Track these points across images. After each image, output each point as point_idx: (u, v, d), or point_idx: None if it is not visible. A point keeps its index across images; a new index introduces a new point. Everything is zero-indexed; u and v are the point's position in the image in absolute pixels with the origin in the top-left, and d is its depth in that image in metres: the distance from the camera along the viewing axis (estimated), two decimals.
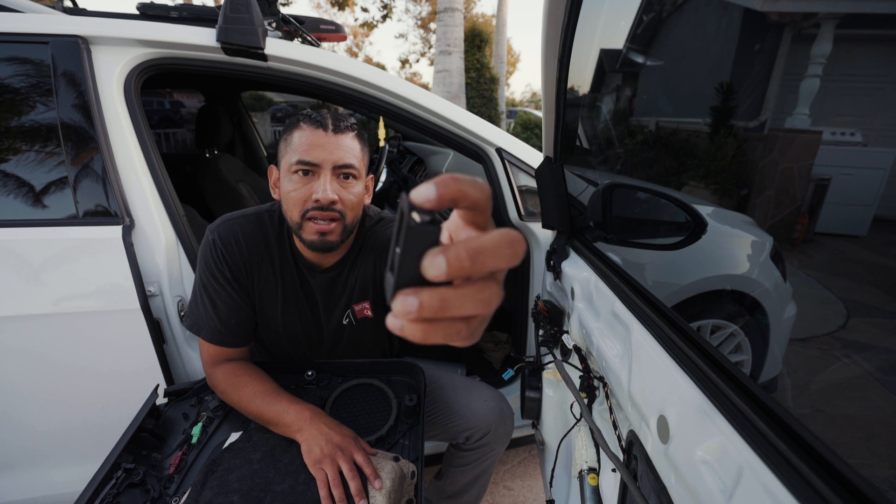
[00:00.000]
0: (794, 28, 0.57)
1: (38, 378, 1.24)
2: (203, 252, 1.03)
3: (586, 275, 1.11)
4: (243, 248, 1.03)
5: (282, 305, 1.09)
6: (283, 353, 1.20)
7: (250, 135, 3.13)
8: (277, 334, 1.13)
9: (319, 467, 0.85)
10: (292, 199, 0.94)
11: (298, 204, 0.93)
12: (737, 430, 0.51)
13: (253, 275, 1.05)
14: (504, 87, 10.66)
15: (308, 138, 0.91)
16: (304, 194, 0.93)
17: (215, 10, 1.47)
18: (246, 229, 1.03)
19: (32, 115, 1.20)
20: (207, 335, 1.02)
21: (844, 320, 0.50)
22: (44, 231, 1.17)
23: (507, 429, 1.24)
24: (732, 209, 0.81)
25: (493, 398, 1.23)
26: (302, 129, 0.93)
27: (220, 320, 1.02)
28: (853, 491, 0.39)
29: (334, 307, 1.13)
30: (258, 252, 1.04)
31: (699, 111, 0.80)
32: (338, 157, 0.92)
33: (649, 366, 0.74)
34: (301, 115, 0.95)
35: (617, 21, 1.01)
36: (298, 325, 1.12)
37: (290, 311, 1.10)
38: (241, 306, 1.05)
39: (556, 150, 1.22)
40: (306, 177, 0.93)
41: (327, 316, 1.14)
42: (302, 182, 0.92)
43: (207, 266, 1.02)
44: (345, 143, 0.94)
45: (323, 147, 0.91)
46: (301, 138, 0.92)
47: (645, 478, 0.69)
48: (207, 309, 1.02)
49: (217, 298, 1.02)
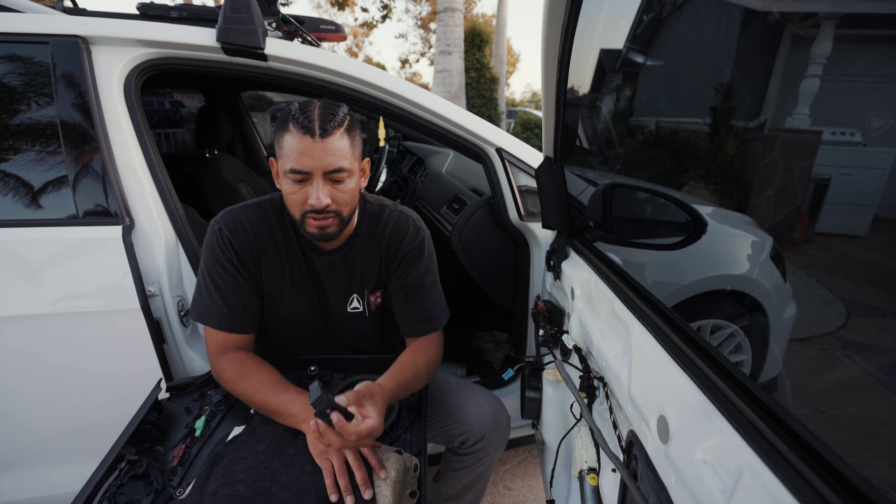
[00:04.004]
0: (794, 28, 0.57)
1: (38, 378, 1.24)
2: (209, 242, 1.05)
3: (586, 275, 1.11)
4: (249, 236, 1.06)
5: (289, 289, 1.11)
6: (288, 346, 1.20)
7: (250, 135, 3.13)
8: (283, 321, 1.14)
9: (325, 457, 0.86)
10: (290, 201, 0.99)
11: (297, 206, 0.98)
12: (737, 430, 0.51)
13: (260, 260, 1.08)
14: (504, 87, 10.67)
15: (297, 146, 0.92)
16: (300, 198, 0.97)
17: (215, 10, 1.47)
18: (251, 217, 1.07)
19: (32, 115, 1.21)
20: (215, 322, 1.04)
21: (844, 320, 0.50)
22: (44, 231, 1.17)
23: (501, 434, 1.24)
24: (732, 209, 0.81)
25: (489, 402, 1.22)
26: (291, 133, 0.93)
27: (227, 306, 1.05)
28: (853, 491, 0.39)
29: (341, 289, 1.15)
30: (264, 239, 1.07)
31: (699, 111, 0.80)
32: (327, 163, 0.94)
33: (649, 366, 0.74)
34: (290, 114, 0.94)
35: (617, 21, 1.01)
36: (306, 310, 1.14)
37: (297, 294, 1.12)
38: (248, 292, 1.07)
39: (556, 150, 1.22)
40: (300, 183, 0.96)
41: (335, 299, 1.15)
42: (297, 187, 0.96)
43: (214, 254, 1.04)
44: (333, 146, 0.94)
45: (311, 155, 0.92)
46: (291, 145, 0.93)
47: (645, 478, 0.69)
48: (214, 297, 1.05)
49: (223, 285, 1.05)
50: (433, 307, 1.15)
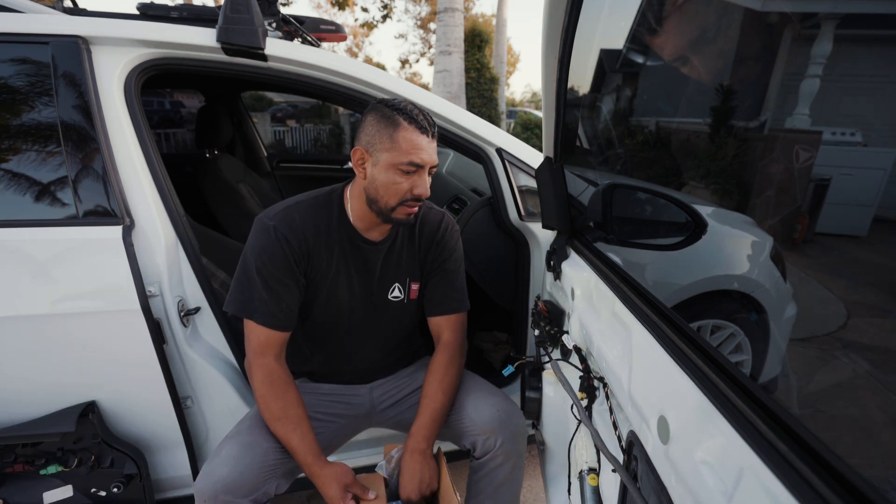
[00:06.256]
0: (794, 28, 0.57)
1: (38, 378, 1.24)
2: (260, 239, 1.08)
3: (586, 275, 1.11)
4: (304, 233, 1.10)
5: (337, 280, 1.16)
6: (328, 334, 1.23)
7: (250, 135, 3.13)
8: (328, 310, 1.18)
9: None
10: (393, 190, 1.06)
11: (399, 194, 1.06)
12: (737, 430, 0.51)
13: (311, 256, 1.12)
14: (504, 87, 10.67)
15: (416, 142, 1.03)
16: (406, 187, 1.06)
17: (215, 10, 1.47)
18: (304, 215, 1.12)
19: (33, 115, 1.21)
20: (261, 318, 1.08)
21: (844, 320, 0.50)
22: (44, 231, 1.17)
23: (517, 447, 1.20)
24: (732, 209, 0.81)
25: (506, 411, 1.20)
26: (406, 129, 1.02)
27: (276, 304, 1.08)
28: (853, 491, 0.39)
29: (385, 278, 1.22)
30: (317, 234, 1.12)
31: (699, 111, 0.80)
32: (434, 158, 1.07)
33: (650, 366, 0.74)
34: (401, 111, 1.03)
35: (617, 21, 1.01)
36: (351, 298, 1.19)
37: (344, 285, 1.18)
38: (296, 290, 1.12)
39: (556, 150, 1.22)
40: (408, 175, 1.05)
41: (379, 287, 1.22)
42: (405, 178, 1.05)
43: (266, 252, 1.07)
44: (435, 145, 1.08)
45: (426, 150, 1.05)
46: (408, 141, 1.02)
47: (645, 478, 0.69)
48: (261, 293, 1.07)
49: (274, 283, 1.08)
50: (462, 290, 1.29)
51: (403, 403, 1.31)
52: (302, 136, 6.41)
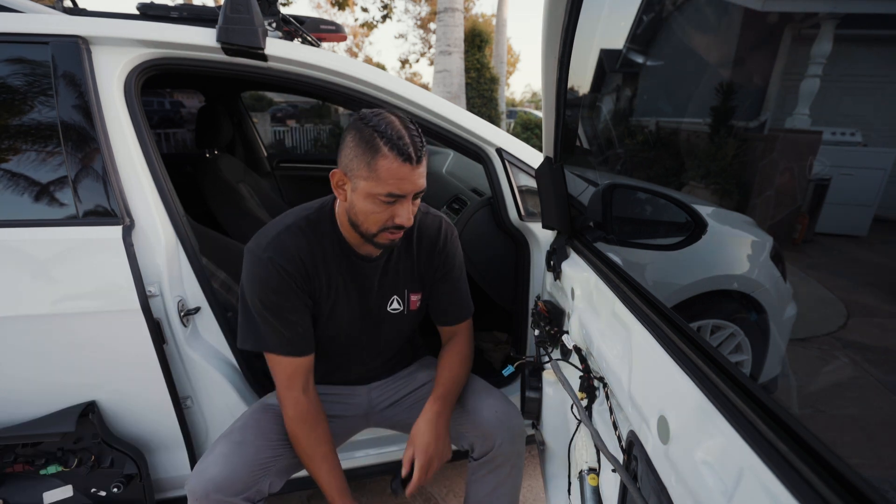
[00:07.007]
0: (794, 28, 0.57)
1: (38, 378, 1.24)
2: (258, 272, 1.04)
3: (586, 275, 1.11)
4: (301, 258, 1.07)
5: (336, 297, 1.14)
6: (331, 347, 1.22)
7: (250, 135, 3.12)
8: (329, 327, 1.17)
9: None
10: (373, 219, 1.01)
11: (378, 223, 1.01)
12: (737, 430, 0.51)
13: (312, 279, 1.10)
14: (504, 87, 10.66)
15: (397, 172, 0.95)
16: (385, 216, 1.00)
17: (215, 10, 1.47)
18: (296, 238, 1.07)
19: (33, 115, 1.21)
20: (278, 348, 1.06)
21: (844, 320, 0.50)
22: (44, 231, 1.17)
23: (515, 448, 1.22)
24: (732, 209, 0.81)
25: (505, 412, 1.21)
26: (386, 157, 0.94)
27: (291, 332, 1.07)
28: (853, 491, 0.39)
29: (384, 291, 1.20)
30: (313, 255, 1.09)
31: (699, 111, 0.80)
32: (419, 186, 1.00)
33: (650, 366, 0.74)
34: (381, 134, 0.94)
35: (617, 21, 1.01)
36: (351, 314, 1.17)
37: (344, 301, 1.16)
38: (306, 313, 1.10)
39: (556, 150, 1.22)
40: (388, 204, 0.99)
41: (378, 301, 1.20)
42: (385, 207, 0.99)
43: (268, 285, 1.04)
44: (422, 170, 0.99)
45: (409, 180, 0.97)
46: (389, 171, 0.94)
47: (645, 478, 0.69)
48: (272, 325, 1.05)
49: (285, 312, 1.06)
50: (467, 294, 1.28)
51: (402, 404, 1.31)
52: (302, 136, 6.41)
